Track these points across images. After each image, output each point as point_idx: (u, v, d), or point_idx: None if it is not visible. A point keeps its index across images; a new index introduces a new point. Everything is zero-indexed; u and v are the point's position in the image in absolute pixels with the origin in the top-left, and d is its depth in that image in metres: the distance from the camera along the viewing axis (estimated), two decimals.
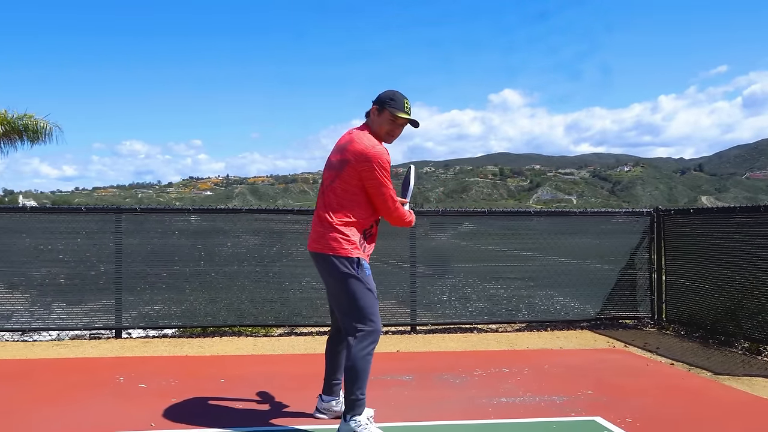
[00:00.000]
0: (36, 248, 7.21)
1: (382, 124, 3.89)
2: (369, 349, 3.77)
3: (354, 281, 3.77)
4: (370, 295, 3.81)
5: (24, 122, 16.13)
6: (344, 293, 3.81)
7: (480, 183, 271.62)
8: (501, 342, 7.19)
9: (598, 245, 8.16)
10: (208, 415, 4.28)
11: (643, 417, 4.33)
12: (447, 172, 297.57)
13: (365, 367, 3.77)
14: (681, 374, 5.69)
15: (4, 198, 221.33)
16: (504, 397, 4.81)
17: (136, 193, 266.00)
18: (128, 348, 6.69)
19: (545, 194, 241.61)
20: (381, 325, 3.88)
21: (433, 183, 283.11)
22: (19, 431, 3.94)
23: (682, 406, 4.67)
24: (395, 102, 3.86)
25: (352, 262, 3.77)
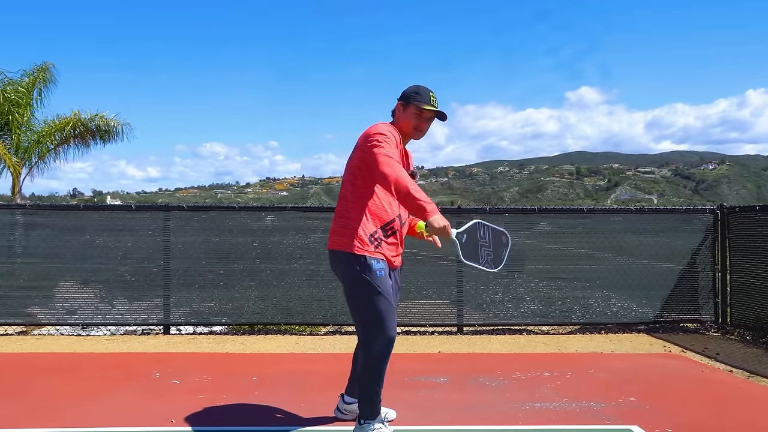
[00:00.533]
0: (90, 245, 7.41)
1: (408, 119, 3.70)
2: (384, 351, 3.59)
3: (361, 282, 3.53)
4: (380, 299, 3.53)
5: (96, 122, 16.61)
6: (351, 293, 3.62)
7: (556, 182, 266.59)
8: (549, 344, 6.92)
9: (658, 244, 7.76)
10: (228, 414, 4.25)
11: (685, 428, 4.03)
12: (522, 171, 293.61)
13: (379, 373, 3.60)
14: (738, 382, 5.30)
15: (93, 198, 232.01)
16: (538, 402, 4.59)
17: (216, 194, 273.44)
18: (173, 344, 6.78)
19: (624, 193, 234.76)
20: (394, 330, 3.62)
21: (507, 183, 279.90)
22: (42, 422, 4.00)
23: (732, 416, 4.34)
24: (420, 95, 3.68)
25: (358, 260, 3.53)
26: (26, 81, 15.66)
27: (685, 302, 7.69)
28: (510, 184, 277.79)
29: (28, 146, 15.80)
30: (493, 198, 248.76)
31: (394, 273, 3.79)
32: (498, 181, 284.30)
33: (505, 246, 3.65)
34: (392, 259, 3.70)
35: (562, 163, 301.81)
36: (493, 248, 3.60)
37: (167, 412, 4.22)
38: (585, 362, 5.98)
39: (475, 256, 3.54)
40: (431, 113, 3.70)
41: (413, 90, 3.70)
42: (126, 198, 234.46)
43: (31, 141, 15.87)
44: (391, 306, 3.59)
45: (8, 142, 15.60)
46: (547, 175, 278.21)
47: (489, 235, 3.59)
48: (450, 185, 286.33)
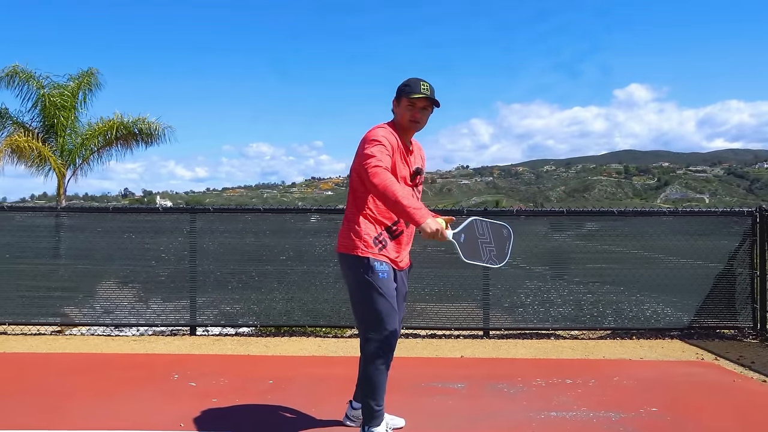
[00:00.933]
0: (119, 247, 7.54)
1: (403, 112, 3.65)
2: (382, 358, 3.56)
3: (364, 284, 3.53)
4: (382, 300, 3.52)
5: (139, 125, 16.92)
6: (354, 295, 3.63)
7: (603, 182, 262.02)
8: (576, 350, 6.75)
9: (693, 247, 7.49)
10: (235, 419, 4.25)
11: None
12: (569, 170, 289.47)
13: (379, 377, 3.57)
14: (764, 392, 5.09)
15: (144, 198, 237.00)
16: (555, 411, 4.47)
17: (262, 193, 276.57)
18: (197, 346, 6.83)
19: (674, 193, 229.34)
20: (396, 333, 3.61)
21: (553, 182, 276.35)
22: (53, 423, 4.06)
23: (759, 429, 4.15)
24: (410, 87, 3.63)
25: (361, 262, 3.53)
26: (72, 85, 16.06)
27: (721, 308, 7.42)
28: (556, 183, 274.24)
29: (73, 149, 16.20)
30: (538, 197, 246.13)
31: (401, 274, 3.74)
32: (544, 181, 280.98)
33: (507, 239, 3.58)
34: (397, 261, 3.68)
35: (609, 162, 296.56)
36: (495, 243, 3.52)
37: (178, 415, 4.24)
38: (611, 369, 5.81)
39: (477, 254, 3.46)
40: (423, 102, 3.63)
41: (404, 83, 3.67)
42: (175, 198, 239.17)
43: (76, 144, 16.27)
44: (394, 309, 3.57)
45: (53, 145, 16.02)
46: (595, 174, 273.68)
47: (489, 231, 3.51)
48: (495, 184, 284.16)
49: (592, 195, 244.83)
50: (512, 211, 7.84)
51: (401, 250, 3.70)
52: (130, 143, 17.18)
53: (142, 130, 17.05)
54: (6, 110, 16.03)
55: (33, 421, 4.10)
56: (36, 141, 15.37)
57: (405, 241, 3.72)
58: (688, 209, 7.78)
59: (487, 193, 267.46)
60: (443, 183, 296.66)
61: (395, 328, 3.59)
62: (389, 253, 3.62)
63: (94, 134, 16.29)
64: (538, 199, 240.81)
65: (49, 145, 15.76)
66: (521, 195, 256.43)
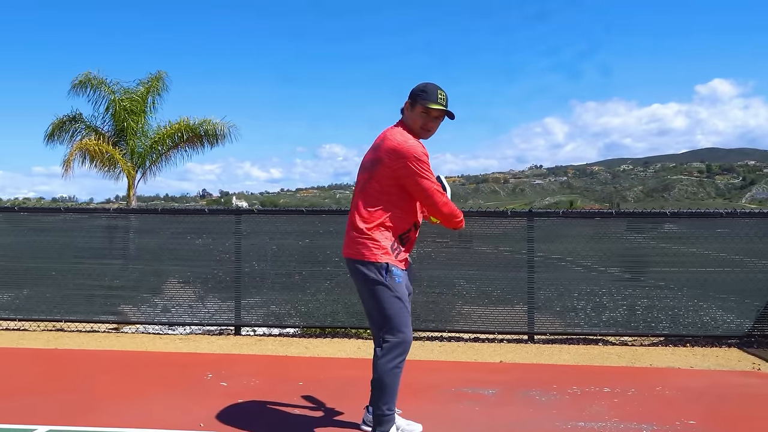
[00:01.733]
0: (167, 248, 7.73)
1: (415, 118, 3.60)
2: (396, 361, 3.52)
3: (382, 288, 3.52)
4: (398, 304, 3.52)
5: (204, 127, 17.33)
6: (372, 301, 3.59)
7: (684, 181, 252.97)
8: (623, 357, 6.49)
9: (752, 251, 7.10)
10: (256, 421, 4.25)
11: None
12: (647, 170, 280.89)
13: (393, 380, 3.53)
14: None
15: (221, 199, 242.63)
16: (584, 421, 4.29)
17: (335, 194, 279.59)
18: (238, 345, 6.92)
19: (761, 192, 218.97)
20: (411, 336, 3.59)
21: (631, 181, 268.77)
22: (79, 419, 4.16)
23: None
24: (427, 94, 3.56)
25: (381, 269, 3.52)
26: (141, 90, 16.57)
27: None
28: (634, 182, 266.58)
29: (142, 151, 16.72)
30: (615, 197, 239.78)
31: (406, 274, 3.71)
32: (621, 180, 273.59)
33: None
34: (407, 264, 3.76)
35: (690, 160, 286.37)
36: None
37: (201, 415, 4.28)
38: (655, 378, 5.55)
39: None
40: (439, 112, 3.58)
41: (420, 88, 3.59)
42: (250, 198, 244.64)
43: (145, 146, 16.79)
44: (408, 313, 3.62)
45: (123, 148, 16.59)
46: (675, 173, 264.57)
47: None
48: (569, 184, 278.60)
49: (671, 195, 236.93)
50: (558, 213, 7.58)
51: (407, 252, 3.70)
52: (196, 145, 17.63)
53: (207, 132, 17.45)
54: (80, 115, 16.73)
55: (61, 418, 4.21)
56: (106, 144, 15.95)
57: (412, 245, 3.71)
58: (747, 211, 7.34)
59: (561, 194, 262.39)
60: (516, 183, 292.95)
61: (410, 331, 3.59)
62: (401, 257, 3.63)
63: (163, 137, 16.77)
64: (614, 199, 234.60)
65: (119, 148, 16.34)
66: (596, 195, 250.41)
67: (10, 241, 7.98)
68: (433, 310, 7.40)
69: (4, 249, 7.93)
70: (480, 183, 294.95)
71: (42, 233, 8.00)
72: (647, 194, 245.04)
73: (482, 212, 7.75)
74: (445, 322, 7.38)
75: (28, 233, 8.05)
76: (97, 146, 15.83)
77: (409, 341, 3.59)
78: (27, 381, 5.24)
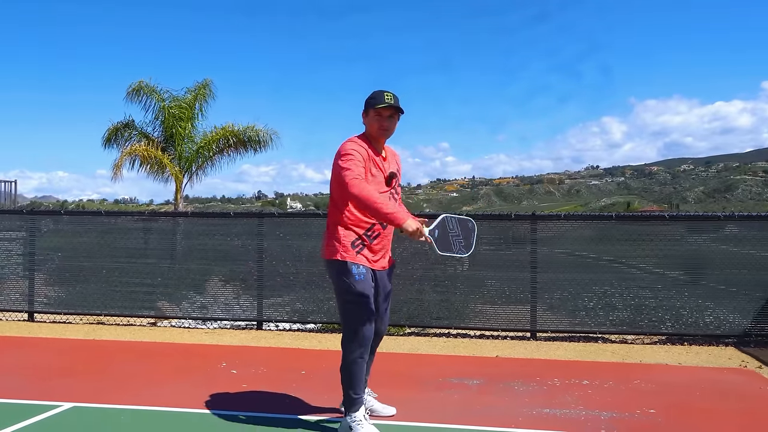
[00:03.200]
0: (195, 248, 8.38)
1: (371, 122, 4.03)
2: (358, 352, 3.95)
3: (341, 285, 3.95)
4: (356, 302, 3.92)
5: (248, 134, 18.07)
6: (336, 296, 4.06)
7: (748, 181, 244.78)
8: (616, 354, 6.79)
9: (755, 253, 7.31)
10: (252, 402, 4.79)
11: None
12: (708, 169, 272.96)
13: (357, 369, 3.96)
14: None
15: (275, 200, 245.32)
16: (550, 408, 4.68)
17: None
18: (257, 339, 7.49)
19: None
20: (370, 330, 3.97)
21: (691, 182, 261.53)
22: (105, 398, 4.77)
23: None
24: (374, 99, 4.01)
25: (342, 266, 3.93)
26: (189, 98, 17.39)
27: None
28: (694, 183, 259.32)
29: (189, 156, 17.54)
30: (674, 198, 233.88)
31: (381, 274, 4.12)
32: (681, 181, 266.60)
33: (472, 231, 3.96)
34: (375, 262, 4.06)
35: (755, 159, 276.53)
36: (462, 236, 3.90)
37: (206, 397, 4.83)
38: (638, 373, 5.87)
39: (449, 246, 3.84)
40: (389, 110, 4.00)
41: (369, 96, 4.05)
42: (304, 200, 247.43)
43: (191, 151, 17.60)
44: (369, 309, 3.95)
45: (172, 153, 17.45)
46: (738, 173, 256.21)
47: (457, 226, 3.89)
48: (627, 185, 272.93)
49: (734, 195, 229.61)
50: (560, 216, 7.92)
51: (378, 252, 4.08)
52: (240, 150, 18.39)
53: (251, 138, 18.20)
54: (132, 121, 17.69)
55: (86, 397, 4.83)
56: (155, 150, 16.82)
57: (382, 244, 4.09)
58: (746, 214, 7.52)
59: (618, 194, 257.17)
60: (571, 184, 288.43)
61: (369, 327, 3.97)
62: (367, 256, 4.01)
63: (209, 142, 17.56)
64: (673, 200, 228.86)
65: (167, 153, 17.21)
66: (655, 196, 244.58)
67: (56, 243, 8.75)
68: (441, 308, 7.81)
69: (53, 250, 8.70)
70: (535, 184, 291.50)
71: (85, 234, 8.74)
72: (708, 195, 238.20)
73: (488, 215, 8.14)
74: (452, 320, 7.78)
75: (73, 234, 8.81)
76: (147, 151, 16.71)
77: (368, 336, 3.97)
78: (63, 367, 5.89)
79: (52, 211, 9.71)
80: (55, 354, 6.51)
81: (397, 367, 5.99)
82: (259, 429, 4.17)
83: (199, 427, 4.23)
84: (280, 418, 4.39)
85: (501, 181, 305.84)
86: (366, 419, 4.01)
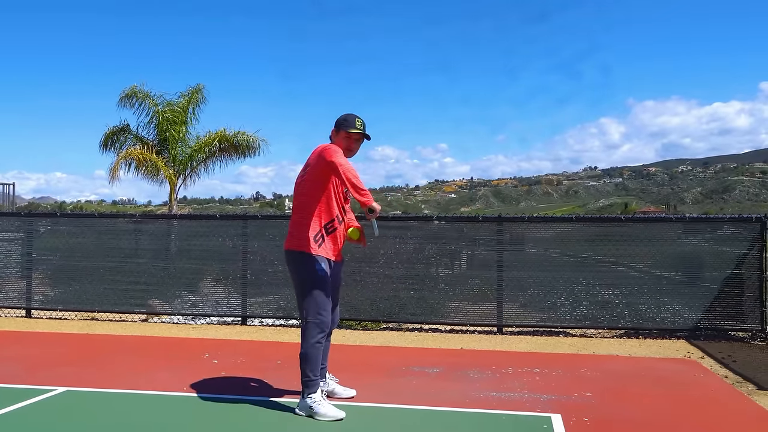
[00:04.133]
0: (186, 249, 8.89)
1: (339, 141, 4.57)
2: (317, 338, 4.47)
3: (303, 275, 4.47)
4: (316, 291, 4.43)
5: (238, 138, 18.56)
6: (296, 285, 4.57)
7: (745, 182, 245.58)
8: (573, 346, 7.30)
9: (705, 252, 7.84)
10: (227, 386, 5.30)
11: (605, 421, 4.48)
12: (706, 170, 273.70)
13: (315, 353, 4.47)
14: (719, 388, 5.48)
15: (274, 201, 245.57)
16: (497, 392, 5.18)
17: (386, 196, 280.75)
18: (240, 333, 8.00)
19: None
20: (328, 317, 4.50)
21: (689, 183, 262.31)
22: (97, 382, 5.27)
23: (666, 414, 4.67)
24: (347, 122, 4.54)
25: (303, 257, 4.45)
26: (182, 102, 17.86)
27: (729, 311, 7.71)
28: (692, 184, 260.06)
29: (183, 159, 18.00)
30: (672, 199, 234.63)
31: (336, 267, 4.65)
32: (678, 182, 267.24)
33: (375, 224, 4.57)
34: (333, 255, 4.60)
35: (753, 160, 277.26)
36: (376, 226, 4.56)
37: (188, 382, 5.34)
38: (586, 363, 6.38)
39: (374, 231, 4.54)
40: (358, 135, 4.54)
41: (342, 118, 4.58)
42: None
43: (185, 155, 18.07)
44: (326, 297, 4.49)
45: (166, 156, 17.93)
46: (736, 174, 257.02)
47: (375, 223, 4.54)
48: (625, 186, 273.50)
49: (732, 196, 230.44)
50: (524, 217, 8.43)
51: (336, 245, 4.62)
52: (231, 155, 18.87)
53: (240, 143, 18.68)
54: (128, 126, 18.11)
55: (78, 382, 5.34)
56: (150, 153, 17.29)
57: (338, 239, 4.62)
58: (695, 216, 8.05)
59: (616, 195, 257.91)
60: (569, 185, 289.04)
61: (328, 313, 4.50)
62: (326, 248, 4.54)
63: (202, 146, 18.04)
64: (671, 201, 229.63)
65: (162, 156, 17.69)
66: (653, 197, 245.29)
67: (53, 243, 9.26)
68: (416, 305, 8.32)
69: (49, 250, 9.21)
70: (533, 185, 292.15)
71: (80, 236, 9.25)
72: (706, 196, 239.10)
73: (458, 217, 8.68)
74: (426, 316, 8.28)
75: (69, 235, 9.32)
76: (142, 155, 17.19)
77: (327, 322, 4.50)
78: (58, 357, 6.40)
79: (49, 213, 10.22)
80: (51, 346, 7.01)
81: (366, 358, 6.51)
82: (233, 408, 4.68)
83: (181, 408, 4.74)
84: (252, 399, 4.90)
85: (499, 182, 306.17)
86: (324, 398, 4.52)
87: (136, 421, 4.40)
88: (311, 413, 4.44)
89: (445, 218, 8.25)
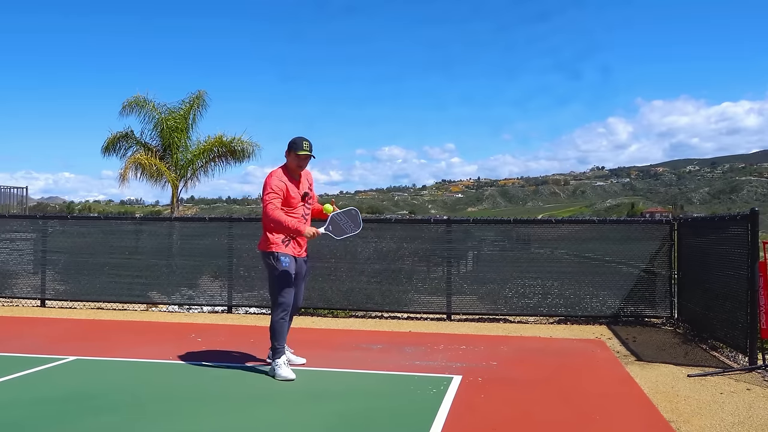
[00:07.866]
0: (181, 247, 10.19)
1: (291, 160, 5.84)
2: (281, 314, 5.75)
3: (272, 268, 5.75)
4: (282, 279, 5.71)
5: (234, 144, 19.80)
6: (267, 276, 5.86)
7: (753, 182, 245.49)
8: (506, 330, 8.54)
9: (626, 249, 9.07)
10: (205, 358, 6.59)
11: (494, 379, 5.73)
12: (714, 170, 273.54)
13: (281, 327, 5.76)
14: (604, 357, 6.75)
15: None
16: (421, 361, 6.44)
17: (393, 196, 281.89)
18: (224, 319, 9.30)
19: None
20: (290, 299, 5.78)
21: (696, 183, 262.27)
22: (100, 353, 6.57)
23: (545, 374, 5.90)
24: (296, 145, 5.79)
25: (272, 255, 5.74)
26: (183, 109, 19.10)
27: (645, 300, 8.95)
28: (700, 184, 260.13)
29: (184, 164, 19.27)
30: (679, 199, 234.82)
31: (300, 261, 5.94)
32: (686, 182, 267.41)
33: (356, 215, 5.89)
34: (297, 253, 5.89)
35: (762, 161, 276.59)
36: (351, 222, 5.82)
37: (175, 354, 6.63)
38: (509, 342, 7.62)
39: (343, 232, 5.80)
40: (305, 155, 5.79)
41: (292, 141, 5.83)
42: None
43: (186, 160, 19.34)
44: (290, 285, 5.77)
45: (169, 161, 19.22)
46: (744, 174, 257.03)
47: (344, 217, 5.81)
48: (632, 186, 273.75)
49: (740, 197, 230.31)
50: (469, 220, 9.68)
51: (301, 246, 5.91)
52: (229, 159, 20.13)
53: (236, 148, 19.90)
54: (132, 132, 19.37)
55: (86, 353, 6.64)
56: (155, 158, 18.59)
57: (302, 242, 5.90)
58: (615, 219, 9.29)
59: (624, 195, 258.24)
60: (576, 185, 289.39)
61: (290, 297, 5.78)
62: (291, 248, 5.83)
63: (202, 151, 19.32)
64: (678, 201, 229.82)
65: (165, 161, 18.98)
66: (660, 197, 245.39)
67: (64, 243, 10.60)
68: (375, 295, 9.58)
69: (61, 248, 10.54)
70: (540, 185, 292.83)
71: (88, 236, 10.58)
72: (714, 196, 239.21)
73: (412, 220, 9.95)
74: (387, 305, 9.53)
75: (78, 235, 10.64)
76: (147, 160, 18.49)
77: (289, 302, 5.78)
78: (69, 335, 7.71)
79: (60, 216, 11.55)
80: (63, 327, 8.33)
81: (325, 338, 7.79)
82: (209, 371, 5.98)
83: (167, 372, 6.05)
84: (223, 365, 6.21)
85: (506, 182, 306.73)
86: (286, 364, 5.80)
87: (130, 380, 5.71)
88: (273, 374, 5.72)
89: (403, 221, 9.51)
